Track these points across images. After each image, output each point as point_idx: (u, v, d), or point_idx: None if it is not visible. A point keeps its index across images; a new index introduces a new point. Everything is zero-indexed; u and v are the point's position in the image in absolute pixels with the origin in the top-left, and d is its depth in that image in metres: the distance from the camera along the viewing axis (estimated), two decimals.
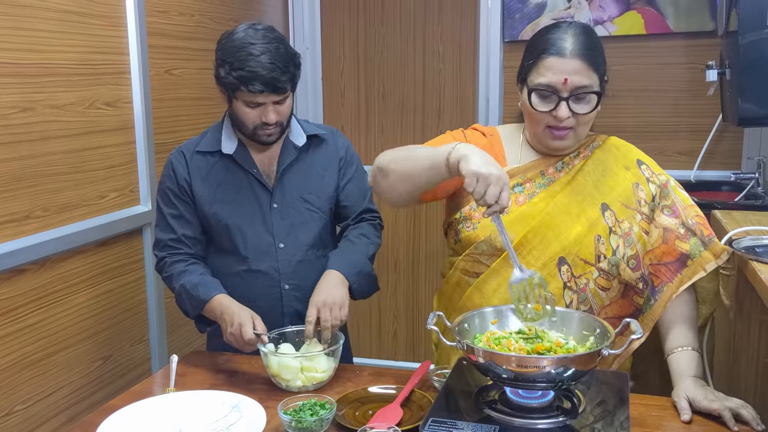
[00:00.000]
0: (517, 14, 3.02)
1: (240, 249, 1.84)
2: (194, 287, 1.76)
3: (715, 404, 1.37)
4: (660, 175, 1.65)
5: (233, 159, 1.85)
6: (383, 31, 3.26)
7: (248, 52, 1.69)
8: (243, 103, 1.75)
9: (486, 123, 3.10)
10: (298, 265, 1.86)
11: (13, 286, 1.82)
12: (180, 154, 1.87)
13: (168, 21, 2.43)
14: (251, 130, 1.79)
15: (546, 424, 1.27)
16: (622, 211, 1.59)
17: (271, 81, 1.70)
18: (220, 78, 1.74)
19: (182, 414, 1.43)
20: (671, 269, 1.58)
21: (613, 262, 1.57)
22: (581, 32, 1.57)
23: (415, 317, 3.41)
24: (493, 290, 1.60)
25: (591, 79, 1.54)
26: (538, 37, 1.60)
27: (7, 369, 1.82)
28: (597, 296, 1.58)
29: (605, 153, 1.66)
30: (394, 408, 1.42)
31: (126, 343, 2.28)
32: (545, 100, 1.56)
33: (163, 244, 1.86)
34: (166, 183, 1.86)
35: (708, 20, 2.79)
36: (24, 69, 1.83)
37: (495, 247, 1.61)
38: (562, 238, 1.57)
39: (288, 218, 1.86)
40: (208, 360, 1.77)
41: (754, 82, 2.08)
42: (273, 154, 1.88)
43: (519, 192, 1.64)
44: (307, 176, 1.89)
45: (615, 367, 1.61)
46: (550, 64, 1.54)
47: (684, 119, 2.90)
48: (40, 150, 1.90)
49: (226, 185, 1.84)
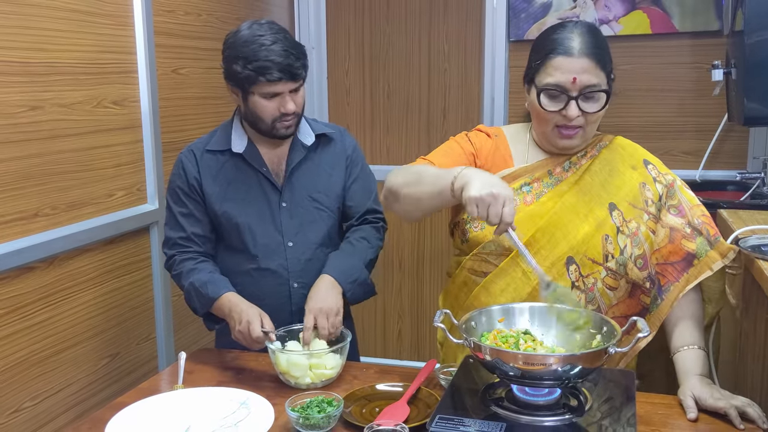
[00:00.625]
0: (522, 14, 3.02)
1: (249, 247, 1.85)
2: (203, 285, 1.77)
3: (721, 402, 1.37)
4: (666, 174, 1.65)
5: (243, 158, 1.85)
6: (389, 30, 3.27)
7: (260, 44, 1.70)
8: (260, 96, 1.75)
9: (491, 122, 3.11)
10: (307, 263, 1.87)
11: (21, 284, 1.84)
12: (190, 152, 1.87)
13: (175, 20, 2.44)
14: (270, 124, 1.79)
15: (552, 421, 1.27)
16: (629, 210, 1.60)
17: (288, 67, 1.71)
18: (235, 74, 1.74)
19: (191, 410, 1.43)
20: (677, 269, 1.58)
21: (621, 261, 1.57)
22: (587, 31, 1.57)
23: (420, 317, 3.41)
24: (500, 290, 1.61)
25: (599, 77, 1.55)
26: (544, 38, 1.60)
27: (15, 366, 1.83)
28: (605, 296, 1.59)
29: (612, 153, 1.66)
30: (401, 405, 1.42)
31: (133, 340, 2.29)
32: (554, 100, 1.56)
33: (172, 243, 1.87)
34: (176, 182, 1.87)
35: (714, 20, 2.79)
36: (32, 68, 1.84)
37: (503, 246, 1.61)
38: (570, 238, 1.58)
39: (297, 217, 1.87)
40: (215, 357, 1.78)
41: (760, 81, 2.08)
42: (282, 153, 1.88)
43: (527, 191, 1.64)
44: (316, 175, 1.90)
45: (621, 366, 1.62)
46: (559, 63, 1.54)
47: (689, 119, 2.90)
48: (48, 148, 1.91)
49: (236, 184, 1.85)
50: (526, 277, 1.58)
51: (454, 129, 3.22)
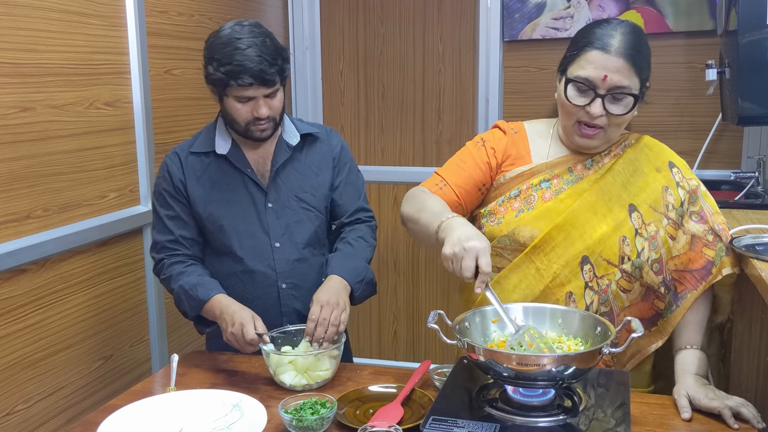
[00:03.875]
0: (516, 14, 3.02)
1: (236, 249, 1.84)
2: (193, 287, 1.76)
3: (715, 402, 1.37)
4: (690, 179, 1.63)
5: (227, 159, 1.85)
6: (383, 31, 3.27)
7: (235, 47, 1.69)
8: (234, 99, 1.74)
9: (486, 123, 3.11)
10: (295, 264, 1.86)
11: (13, 286, 1.82)
12: (175, 155, 1.86)
13: (167, 21, 2.43)
14: (243, 127, 1.78)
15: (546, 422, 1.27)
16: (649, 213, 1.58)
17: (260, 73, 1.69)
18: (210, 76, 1.74)
19: (183, 413, 1.42)
20: (696, 277, 1.56)
21: (637, 264, 1.55)
22: (630, 32, 1.53)
23: (415, 317, 3.41)
24: (513, 286, 1.60)
25: (631, 81, 1.51)
26: (586, 30, 1.57)
27: (7, 369, 1.81)
28: (618, 298, 1.57)
29: (637, 152, 1.63)
30: (394, 407, 1.42)
31: (126, 343, 2.27)
32: (581, 94, 1.54)
33: (160, 246, 1.86)
34: (162, 184, 1.86)
35: (707, 19, 2.79)
36: (23, 69, 1.83)
37: (518, 242, 1.60)
38: (586, 237, 1.56)
39: (283, 217, 1.86)
40: (208, 359, 1.77)
41: (754, 81, 2.08)
42: (267, 153, 1.87)
43: (546, 188, 1.62)
44: (302, 175, 1.89)
45: (632, 365, 1.61)
46: (593, 57, 1.51)
47: (684, 118, 2.90)
48: (40, 150, 1.90)
49: (221, 185, 1.84)
50: (539, 275, 1.57)
51: (449, 129, 3.22)
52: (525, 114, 3.06)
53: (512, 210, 1.62)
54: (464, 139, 3.19)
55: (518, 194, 1.63)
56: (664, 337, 1.58)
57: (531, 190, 1.62)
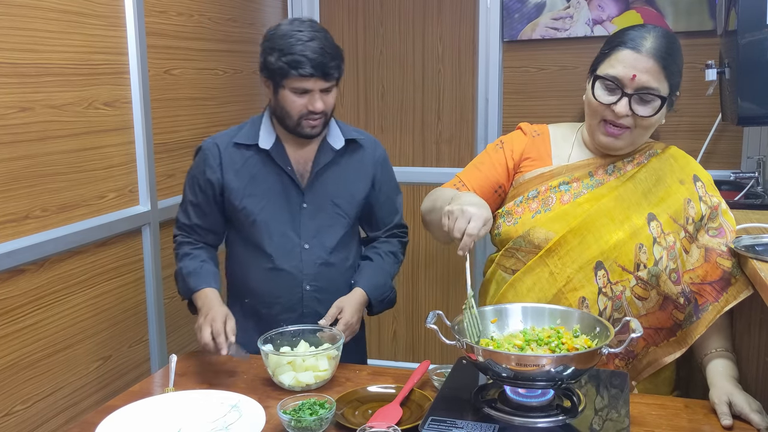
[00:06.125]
0: (516, 14, 3.01)
1: (265, 246, 1.84)
2: (189, 274, 1.80)
3: (755, 416, 1.34)
4: (713, 196, 1.62)
5: (269, 154, 1.84)
6: (382, 31, 3.26)
7: (297, 38, 1.72)
8: (290, 90, 1.74)
9: (486, 123, 3.11)
10: (321, 267, 1.86)
11: (12, 287, 1.82)
12: (214, 146, 1.86)
13: (167, 21, 2.43)
14: (296, 120, 1.78)
15: (545, 423, 1.27)
16: (669, 223, 1.57)
17: (320, 65, 1.71)
18: (269, 66, 1.74)
19: (181, 413, 1.42)
20: (716, 288, 1.55)
21: (654, 272, 1.54)
22: (663, 36, 1.53)
23: (415, 318, 3.40)
24: (527, 288, 1.59)
25: (660, 83, 1.51)
26: (621, 31, 1.57)
27: (6, 369, 1.81)
28: (633, 305, 1.55)
29: (662, 163, 1.63)
30: (393, 407, 1.42)
31: (125, 343, 2.27)
32: (609, 93, 1.54)
33: (179, 224, 1.92)
34: (195, 171, 1.88)
35: (707, 20, 2.79)
36: (23, 69, 1.83)
37: (533, 243, 1.60)
38: (601, 243, 1.55)
39: (316, 220, 1.86)
40: (207, 360, 1.77)
41: (754, 81, 2.07)
42: (309, 154, 1.87)
43: (564, 190, 1.62)
44: (341, 180, 1.89)
45: (649, 372, 1.60)
46: (624, 56, 1.51)
47: (683, 119, 2.89)
48: (38, 150, 1.89)
49: (259, 180, 1.84)
50: (552, 278, 1.57)
51: (449, 129, 3.22)
52: (525, 114, 3.07)
53: (529, 211, 1.63)
54: (464, 139, 3.19)
55: (536, 195, 1.63)
56: (682, 348, 1.57)
57: (549, 191, 1.62)
